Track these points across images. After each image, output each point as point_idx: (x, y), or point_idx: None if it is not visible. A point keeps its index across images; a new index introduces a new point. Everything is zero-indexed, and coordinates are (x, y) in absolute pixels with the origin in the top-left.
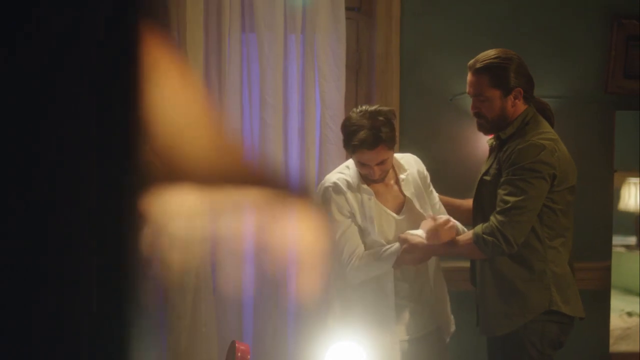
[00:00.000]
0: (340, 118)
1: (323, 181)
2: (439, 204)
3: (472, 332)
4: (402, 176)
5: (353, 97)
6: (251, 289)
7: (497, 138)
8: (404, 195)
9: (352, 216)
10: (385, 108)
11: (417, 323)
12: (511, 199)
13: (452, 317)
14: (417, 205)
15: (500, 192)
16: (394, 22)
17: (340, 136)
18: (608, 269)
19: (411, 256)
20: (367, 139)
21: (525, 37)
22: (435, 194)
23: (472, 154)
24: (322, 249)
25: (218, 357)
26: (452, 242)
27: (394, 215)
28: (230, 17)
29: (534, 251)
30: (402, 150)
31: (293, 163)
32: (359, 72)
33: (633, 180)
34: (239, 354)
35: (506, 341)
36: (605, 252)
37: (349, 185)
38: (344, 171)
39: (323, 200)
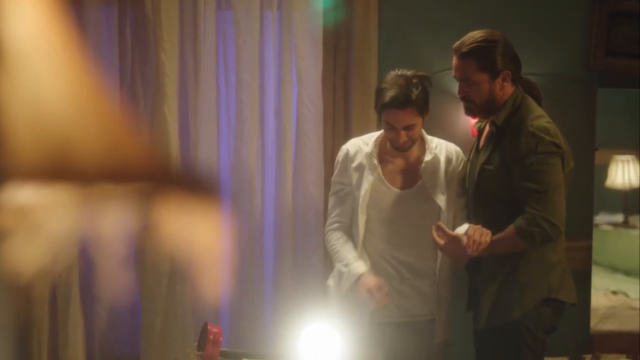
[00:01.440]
0: (317, 96)
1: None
2: (454, 199)
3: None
4: (426, 157)
5: (330, 75)
6: (227, 275)
7: (492, 124)
8: (420, 176)
9: (350, 185)
10: (421, 73)
11: (405, 307)
12: (540, 186)
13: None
14: (433, 192)
15: (524, 184)
16: None
17: (318, 115)
18: (589, 249)
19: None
20: (398, 97)
21: (507, 14)
22: (455, 189)
23: (453, 132)
24: (220, 246)
25: (194, 340)
26: (492, 243)
27: (396, 189)
28: None
29: None
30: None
31: (270, 144)
32: (337, 49)
33: (621, 157)
34: (211, 337)
35: (502, 331)
36: (586, 231)
37: (359, 152)
38: (366, 138)
39: (336, 161)
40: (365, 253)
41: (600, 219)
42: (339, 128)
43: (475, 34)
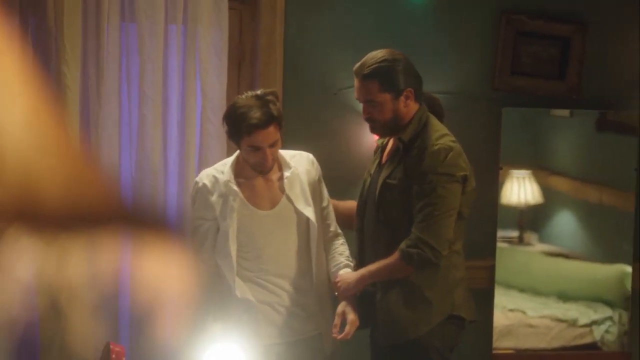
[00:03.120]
0: (221, 111)
1: (197, 177)
2: (328, 209)
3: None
4: (286, 173)
5: (235, 89)
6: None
7: (398, 140)
8: (283, 193)
9: (214, 219)
10: (269, 89)
11: (293, 326)
12: (429, 207)
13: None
14: (299, 205)
15: (417, 202)
16: (279, 13)
17: (221, 130)
18: (492, 268)
19: (349, 290)
20: (261, 117)
21: (414, 33)
22: (326, 197)
23: (357, 148)
24: (187, 288)
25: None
26: (380, 266)
27: (262, 212)
28: (109, 6)
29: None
30: (284, 143)
31: (172, 158)
32: (242, 64)
33: (517, 173)
34: (114, 356)
35: (408, 349)
36: (490, 250)
37: (216, 183)
38: (219, 167)
39: (192, 197)
40: (241, 281)
41: (498, 236)
42: None
43: (376, 54)
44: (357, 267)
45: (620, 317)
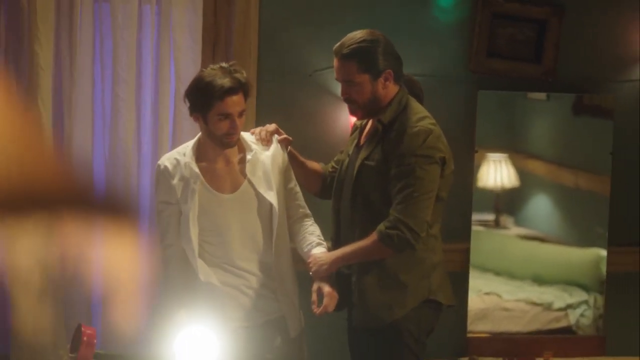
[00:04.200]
0: None
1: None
2: (296, 189)
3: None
4: (248, 156)
5: None
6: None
7: (377, 122)
8: (245, 177)
9: (177, 202)
10: (231, 62)
11: (261, 307)
12: (408, 188)
13: (300, 312)
14: (260, 189)
15: (395, 183)
16: None
17: None
18: (467, 251)
19: (321, 271)
20: (229, 83)
21: (390, 14)
22: (293, 177)
23: (332, 130)
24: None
25: (66, 341)
26: (357, 248)
27: (223, 195)
28: None
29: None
30: (259, 125)
31: (146, 140)
32: (216, 45)
33: (493, 157)
34: (85, 338)
35: (383, 332)
36: (465, 233)
37: (178, 165)
38: (180, 149)
39: (155, 180)
40: (204, 264)
41: (474, 219)
42: None
43: (355, 35)
44: (332, 249)
45: (596, 300)
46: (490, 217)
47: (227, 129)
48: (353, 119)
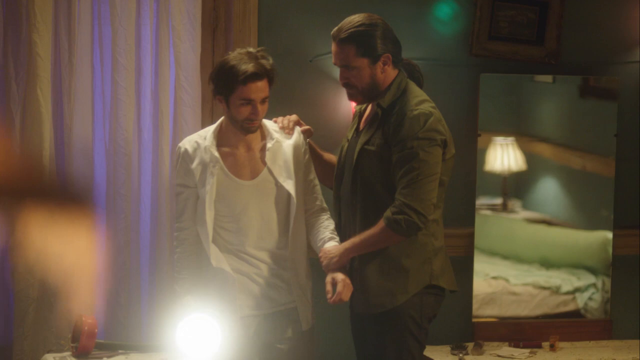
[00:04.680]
0: (195, 79)
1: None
2: (314, 182)
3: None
4: (268, 144)
5: (209, 57)
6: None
7: (377, 106)
8: (265, 165)
9: (195, 186)
10: (261, 48)
11: (272, 297)
12: (412, 172)
13: (313, 306)
14: (280, 177)
15: (399, 168)
16: None
17: (196, 98)
18: (471, 236)
19: (332, 264)
20: (253, 68)
21: None
22: (313, 170)
23: (333, 116)
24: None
25: (69, 332)
26: (365, 237)
27: (241, 181)
28: None
29: None
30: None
31: (147, 127)
32: (216, 31)
33: (500, 140)
34: (86, 328)
35: (385, 318)
36: (469, 218)
37: (198, 149)
38: (202, 133)
39: (174, 162)
40: (217, 250)
41: (480, 203)
42: (217, 111)
43: (353, 19)
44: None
45: (604, 283)
46: (498, 200)
47: (249, 114)
48: (355, 105)
